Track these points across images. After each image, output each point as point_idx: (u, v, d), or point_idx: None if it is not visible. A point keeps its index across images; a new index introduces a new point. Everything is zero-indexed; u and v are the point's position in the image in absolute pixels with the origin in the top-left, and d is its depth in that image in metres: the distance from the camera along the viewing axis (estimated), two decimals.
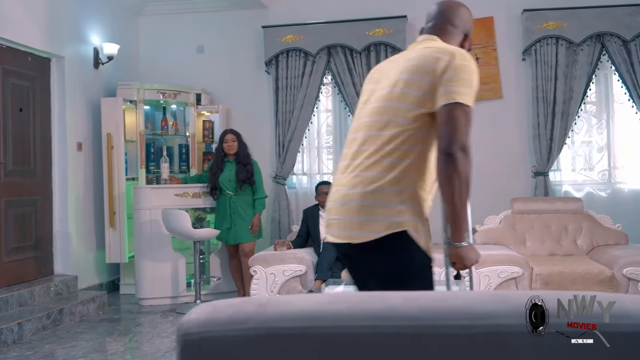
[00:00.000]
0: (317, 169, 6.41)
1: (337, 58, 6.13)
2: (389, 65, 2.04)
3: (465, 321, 0.74)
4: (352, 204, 1.85)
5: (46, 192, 5.32)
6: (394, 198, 1.81)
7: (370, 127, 1.90)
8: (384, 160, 1.84)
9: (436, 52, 1.85)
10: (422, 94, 1.82)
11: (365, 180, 1.84)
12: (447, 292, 0.81)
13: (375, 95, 1.96)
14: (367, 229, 1.81)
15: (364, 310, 0.77)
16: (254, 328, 0.75)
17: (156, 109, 6.23)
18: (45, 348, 4.11)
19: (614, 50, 5.65)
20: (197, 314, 0.79)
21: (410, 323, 0.74)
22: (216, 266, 5.73)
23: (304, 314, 0.76)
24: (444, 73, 1.79)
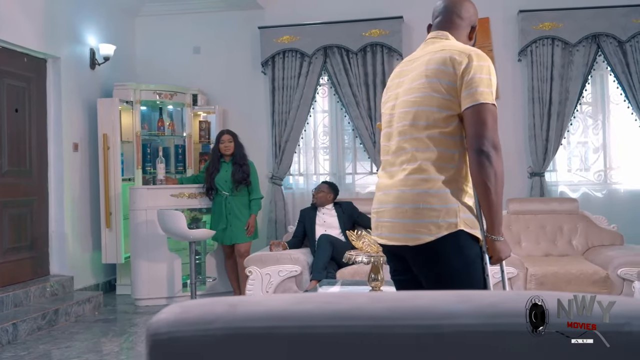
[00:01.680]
0: (314, 169, 6.42)
1: (333, 59, 6.14)
2: (405, 69, 2.09)
3: (430, 321, 0.74)
4: (406, 207, 1.92)
5: (42, 192, 5.33)
6: (446, 199, 1.89)
7: (406, 132, 1.97)
8: (429, 162, 1.91)
9: (454, 54, 1.91)
10: (448, 97, 1.90)
11: (416, 184, 1.92)
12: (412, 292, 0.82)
13: (401, 100, 2.02)
14: (423, 231, 1.88)
15: (331, 310, 0.77)
16: (222, 328, 0.76)
17: (152, 109, 6.24)
18: (39, 348, 4.12)
19: (610, 51, 5.66)
20: (167, 314, 0.79)
21: (376, 323, 0.75)
22: (212, 267, 5.73)
23: (272, 313, 0.77)
24: (464, 75, 1.87)
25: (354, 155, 6.40)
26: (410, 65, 2.07)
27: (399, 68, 2.15)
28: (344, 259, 3.44)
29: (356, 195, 6.25)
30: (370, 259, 3.29)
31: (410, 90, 1.98)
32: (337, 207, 5.34)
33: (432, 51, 1.99)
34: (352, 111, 6.07)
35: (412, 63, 2.07)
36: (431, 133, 1.92)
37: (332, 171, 6.38)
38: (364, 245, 3.34)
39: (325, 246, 4.85)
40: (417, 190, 1.91)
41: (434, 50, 2.00)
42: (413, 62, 2.06)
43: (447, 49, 1.96)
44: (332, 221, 5.25)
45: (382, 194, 2.04)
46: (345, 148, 6.41)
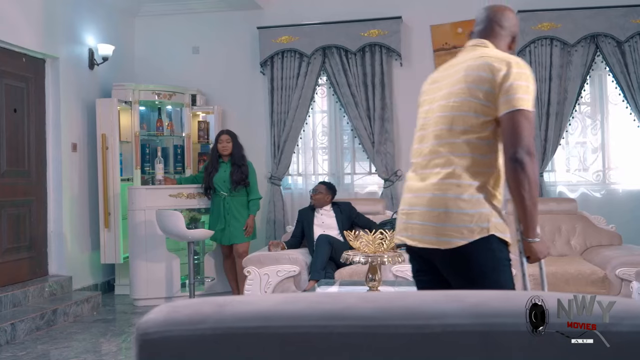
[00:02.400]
0: (313, 169, 6.42)
1: (332, 59, 6.14)
2: (444, 74, 2.14)
3: (418, 321, 0.74)
4: (439, 211, 1.96)
5: (41, 192, 5.33)
6: (478, 204, 1.94)
7: (441, 136, 2.01)
8: (463, 167, 1.96)
9: (494, 62, 1.95)
10: (486, 102, 1.94)
11: (449, 188, 1.96)
12: (400, 292, 0.82)
13: (438, 105, 2.06)
14: (455, 235, 1.92)
15: (320, 310, 0.77)
16: (212, 328, 0.76)
17: (151, 109, 6.25)
18: (38, 348, 4.12)
19: (608, 52, 5.66)
20: (156, 314, 0.79)
21: (364, 323, 0.75)
22: (210, 267, 5.74)
23: (261, 313, 0.77)
24: (503, 82, 1.90)
25: (352, 156, 6.40)
26: (449, 70, 2.11)
27: (437, 74, 2.20)
28: (342, 259, 3.44)
29: (355, 196, 6.25)
30: (367, 259, 3.29)
31: (449, 94, 2.03)
32: (336, 207, 5.34)
33: (472, 58, 2.04)
34: (351, 111, 6.07)
35: (451, 68, 2.11)
36: (468, 138, 1.96)
37: (331, 171, 6.38)
38: (361, 246, 3.34)
39: (324, 246, 4.85)
40: (451, 194, 1.95)
41: (473, 57, 2.04)
42: (452, 68, 2.11)
43: (486, 56, 2.01)
44: (331, 222, 5.25)
45: (412, 196, 2.08)
46: (344, 148, 6.41)
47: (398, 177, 6.09)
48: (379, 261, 3.28)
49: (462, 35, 6.02)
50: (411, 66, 6.12)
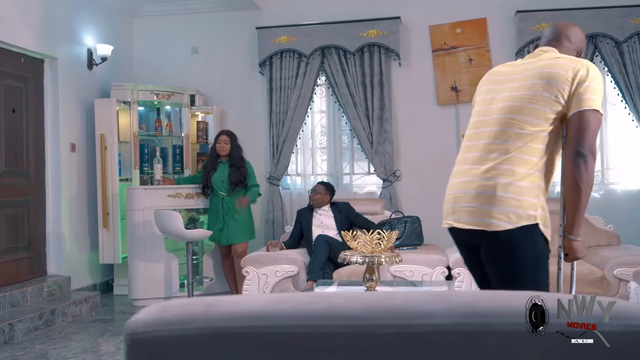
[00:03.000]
0: (311, 169, 6.42)
1: (331, 59, 6.14)
2: (512, 69, 2.21)
3: (403, 320, 0.75)
4: (489, 194, 2.01)
5: (39, 193, 5.33)
6: (529, 192, 1.99)
7: (505, 124, 2.07)
8: (520, 156, 2.01)
9: (572, 62, 2.05)
10: (559, 99, 2.01)
11: (503, 173, 2.01)
12: (387, 292, 0.82)
13: (506, 95, 2.12)
14: (502, 218, 1.97)
15: (306, 310, 0.77)
16: (200, 328, 0.76)
17: (150, 110, 6.25)
18: (36, 349, 4.12)
19: (607, 52, 5.66)
20: (145, 314, 0.80)
21: (351, 322, 0.75)
22: (209, 267, 5.74)
23: (249, 313, 0.77)
24: (581, 82, 1.99)
25: (351, 156, 6.40)
26: (518, 67, 2.19)
27: (501, 68, 2.28)
28: (339, 259, 3.44)
29: (354, 196, 6.25)
30: (365, 259, 3.30)
31: (520, 87, 2.09)
32: (334, 207, 5.34)
33: (548, 58, 2.12)
34: (350, 111, 6.07)
35: (520, 66, 2.19)
36: (532, 130, 2.02)
37: (330, 171, 6.38)
38: (358, 246, 3.34)
39: (322, 247, 4.86)
40: (503, 179, 2.00)
41: (549, 57, 2.13)
42: (521, 66, 2.19)
43: (563, 57, 2.11)
44: (329, 222, 5.25)
45: (463, 180, 2.12)
46: (343, 148, 6.42)
47: (397, 178, 6.09)
48: (376, 261, 3.28)
49: (461, 35, 6.03)
50: (410, 66, 6.13)
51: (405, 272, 4.79)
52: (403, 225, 5.36)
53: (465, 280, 4.67)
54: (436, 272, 4.78)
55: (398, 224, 5.37)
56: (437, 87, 6.08)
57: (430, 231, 5.51)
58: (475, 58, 6.00)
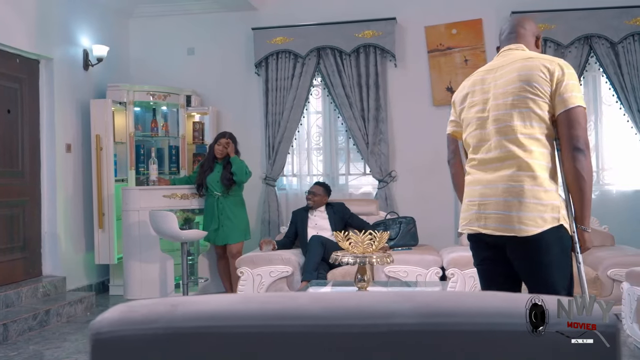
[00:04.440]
0: (307, 170, 6.43)
1: (326, 60, 6.15)
2: (490, 76, 2.30)
3: (367, 320, 0.75)
4: (516, 201, 2.12)
5: (34, 193, 5.33)
6: (550, 195, 2.12)
7: (505, 132, 2.18)
8: (533, 161, 2.13)
9: (547, 63, 2.17)
10: (545, 100, 2.14)
11: (524, 179, 2.13)
12: (352, 292, 0.82)
13: (495, 103, 2.23)
14: (530, 223, 2.10)
15: (271, 310, 0.78)
16: (164, 327, 0.76)
17: (146, 110, 6.26)
18: (30, 349, 4.13)
19: (602, 53, 5.66)
20: (111, 314, 0.80)
21: (316, 322, 0.75)
22: (204, 267, 5.75)
23: (213, 313, 0.78)
24: (559, 82, 2.12)
25: (347, 156, 6.41)
26: (493, 73, 2.28)
27: (478, 76, 2.36)
28: (330, 259, 3.45)
29: (349, 196, 6.26)
30: (356, 259, 3.30)
31: (505, 94, 2.20)
32: (329, 208, 5.35)
33: (520, 58, 2.23)
34: (345, 112, 6.08)
35: (494, 72, 2.28)
36: (530, 133, 2.14)
37: (326, 172, 6.39)
38: (350, 246, 3.34)
39: (316, 247, 4.86)
40: (527, 185, 2.11)
41: (521, 57, 2.24)
42: (498, 70, 2.27)
43: (535, 57, 2.22)
44: (324, 223, 5.26)
45: (483, 187, 2.22)
46: (339, 149, 6.42)
47: (392, 178, 6.09)
48: (367, 262, 3.28)
49: (456, 36, 6.03)
50: (405, 67, 6.13)
51: (399, 272, 4.80)
52: (398, 225, 5.36)
53: (459, 280, 4.68)
54: (430, 273, 4.79)
55: (393, 224, 5.37)
56: (432, 88, 6.08)
57: (425, 232, 5.52)
58: (470, 59, 6.00)
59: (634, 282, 3.87)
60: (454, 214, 6.05)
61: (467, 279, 4.65)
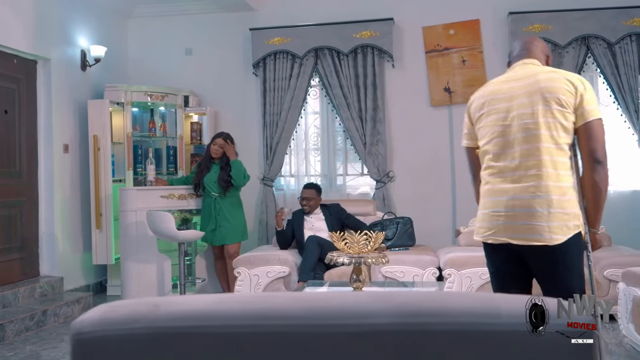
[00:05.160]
0: (305, 170, 6.43)
1: (324, 60, 6.15)
2: (509, 86, 2.38)
3: (343, 320, 0.75)
4: (544, 211, 2.24)
5: (32, 193, 5.34)
6: (572, 205, 2.26)
7: (528, 141, 2.28)
8: (557, 172, 2.25)
9: (569, 77, 2.29)
10: (568, 110, 2.25)
11: (549, 190, 2.24)
12: (331, 292, 0.83)
13: (517, 113, 2.32)
14: (558, 232, 2.23)
15: (251, 310, 0.78)
16: (146, 327, 0.77)
17: (144, 110, 6.26)
18: (26, 349, 4.13)
19: (599, 53, 5.67)
20: (92, 314, 0.80)
21: (295, 322, 0.76)
22: (202, 268, 5.75)
23: (193, 313, 0.78)
24: (581, 95, 2.24)
25: (345, 157, 6.41)
26: (515, 83, 2.37)
27: (495, 86, 2.45)
28: (326, 260, 3.45)
29: (347, 197, 6.26)
30: (351, 260, 3.30)
31: (532, 103, 2.29)
32: (325, 209, 5.35)
33: (542, 71, 2.35)
34: (343, 112, 6.08)
35: (515, 82, 2.37)
36: (554, 143, 2.25)
37: (323, 172, 6.39)
38: (345, 247, 3.34)
39: (313, 247, 4.86)
40: (554, 196, 2.23)
41: (543, 70, 2.37)
42: (517, 81, 2.36)
43: (557, 71, 2.36)
44: (320, 224, 5.26)
45: (510, 198, 2.30)
46: (336, 149, 6.42)
47: (390, 179, 6.10)
48: (362, 262, 3.29)
49: (454, 36, 6.04)
50: (403, 68, 6.14)
51: (396, 273, 4.80)
52: (395, 226, 5.36)
53: (455, 281, 4.68)
54: (427, 273, 4.79)
55: (390, 225, 5.37)
56: (430, 88, 6.09)
57: (422, 232, 5.53)
58: (468, 59, 6.01)
59: (630, 282, 3.88)
60: (451, 214, 6.06)
61: (463, 279, 4.66)
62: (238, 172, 5.23)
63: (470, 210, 5.59)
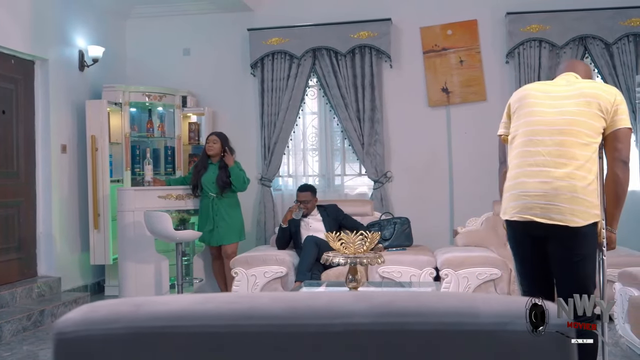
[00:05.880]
0: (303, 171, 6.43)
1: (322, 60, 6.15)
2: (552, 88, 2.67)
3: (323, 320, 0.76)
4: (570, 195, 2.44)
5: (30, 194, 5.34)
6: (594, 195, 2.48)
7: (569, 133, 2.51)
8: (588, 165, 2.47)
9: (608, 88, 2.62)
10: (605, 115, 2.52)
11: (579, 178, 2.44)
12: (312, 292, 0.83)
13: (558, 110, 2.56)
14: (580, 216, 2.43)
15: (230, 310, 0.79)
16: (125, 327, 0.77)
17: (142, 111, 6.27)
18: (23, 349, 4.14)
19: (597, 53, 5.67)
20: (74, 314, 0.81)
21: (272, 322, 0.76)
22: (199, 268, 5.75)
23: (174, 313, 0.78)
24: (617, 105, 2.53)
25: (342, 157, 6.41)
26: (559, 86, 2.64)
27: (537, 85, 2.76)
28: (322, 260, 3.46)
29: (345, 197, 6.27)
30: (347, 260, 3.31)
31: (576, 104, 2.54)
32: (322, 210, 5.35)
33: (584, 82, 2.65)
34: (341, 113, 6.08)
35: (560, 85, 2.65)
36: (586, 141, 2.48)
37: (321, 173, 6.40)
38: (341, 247, 3.35)
39: (311, 248, 4.86)
40: (580, 183, 2.44)
41: (584, 81, 2.66)
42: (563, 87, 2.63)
43: (597, 84, 2.70)
44: (318, 225, 5.25)
45: (539, 181, 2.50)
46: (334, 150, 6.43)
47: (388, 179, 6.10)
48: (358, 262, 3.29)
49: (451, 37, 6.04)
50: (401, 68, 6.14)
51: (393, 273, 4.80)
52: (392, 226, 5.37)
53: (452, 281, 4.68)
54: (424, 273, 4.79)
55: (387, 225, 5.38)
56: (428, 89, 6.09)
57: (420, 232, 5.53)
58: (466, 59, 6.01)
59: (626, 282, 3.88)
60: (449, 214, 6.06)
61: (460, 280, 4.66)
62: (237, 178, 5.25)
63: (468, 211, 5.66)
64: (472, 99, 5.98)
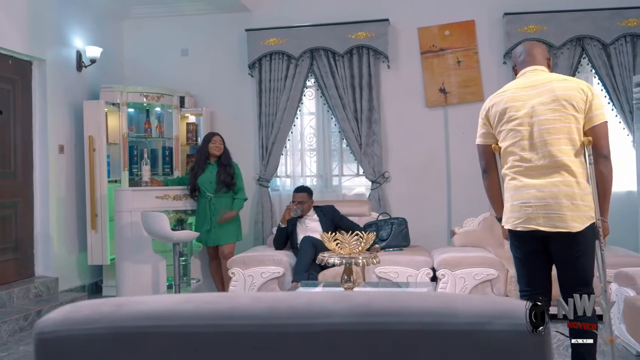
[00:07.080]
0: (301, 171, 6.43)
1: (320, 61, 6.15)
2: (525, 93, 2.70)
3: (303, 320, 0.76)
4: (569, 202, 2.58)
5: (27, 194, 5.34)
6: (589, 198, 2.63)
7: (551, 143, 2.61)
8: (578, 170, 2.60)
9: (580, 85, 2.67)
10: (580, 115, 2.61)
11: (573, 185, 2.59)
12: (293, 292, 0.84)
13: (538, 119, 2.64)
14: (579, 221, 2.59)
15: (210, 310, 0.79)
16: (106, 327, 0.77)
17: (140, 111, 6.27)
18: (20, 350, 4.14)
19: (594, 54, 5.67)
20: (55, 314, 0.81)
21: (253, 322, 0.76)
22: (197, 268, 5.75)
23: (155, 313, 0.79)
24: (590, 101, 2.61)
25: (340, 157, 6.41)
26: (530, 91, 2.69)
27: (514, 93, 2.75)
28: (317, 260, 3.46)
29: (343, 197, 6.27)
30: (342, 260, 3.31)
31: (552, 110, 2.63)
32: (319, 211, 5.35)
33: (555, 79, 2.70)
34: (339, 113, 6.08)
35: (531, 89, 2.69)
36: (571, 145, 2.60)
37: (319, 173, 6.40)
38: (336, 247, 3.35)
39: (308, 248, 4.86)
40: (576, 190, 2.59)
41: (556, 78, 2.71)
42: (533, 89, 2.69)
43: (568, 79, 2.75)
44: (315, 226, 5.25)
45: (537, 191, 2.63)
46: (332, 150, 6.43)
47: (385, 179, 6.10)
48: (353, 262, 3.29)
49: (449, 37, 6.04)
50: (398, 68, 6.14)
51: (390, 273, 4.80)
52: (390, 226, 5.36)
53: (449, 281, 4.68)
54: (421, 274, 4.79)
55: (385, 225, 5.38)
56: (425, 89, 6.09)
57: (417, 232, 5.53)
58: (463, 60, 6.01)
59: (622, 283, 3.88)
60: (446, 214, 6.06)
61: (457, 280, 4.66)
62: (240, 204, 5.39)
63: (466, 211, 5.66)
64: (470, 99, 5.98)
